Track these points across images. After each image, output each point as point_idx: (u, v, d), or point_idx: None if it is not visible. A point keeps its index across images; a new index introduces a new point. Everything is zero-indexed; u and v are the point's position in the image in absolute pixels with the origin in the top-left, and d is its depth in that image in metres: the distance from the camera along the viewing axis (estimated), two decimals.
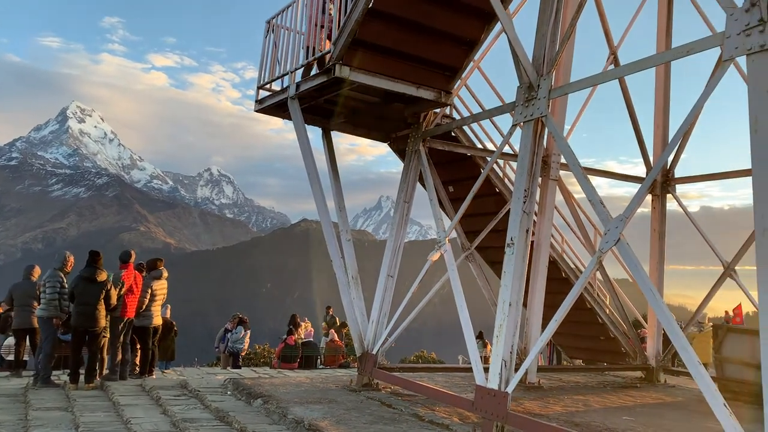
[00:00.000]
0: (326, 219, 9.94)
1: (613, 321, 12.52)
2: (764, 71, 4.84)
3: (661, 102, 12.16)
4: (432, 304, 34.84)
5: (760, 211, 4.67)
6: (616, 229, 6.02)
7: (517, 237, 7.12)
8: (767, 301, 4.49)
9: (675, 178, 12.03)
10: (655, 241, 11.99)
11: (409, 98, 9.58)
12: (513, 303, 7.00)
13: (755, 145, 4.82)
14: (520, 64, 7.53)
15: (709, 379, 4.95)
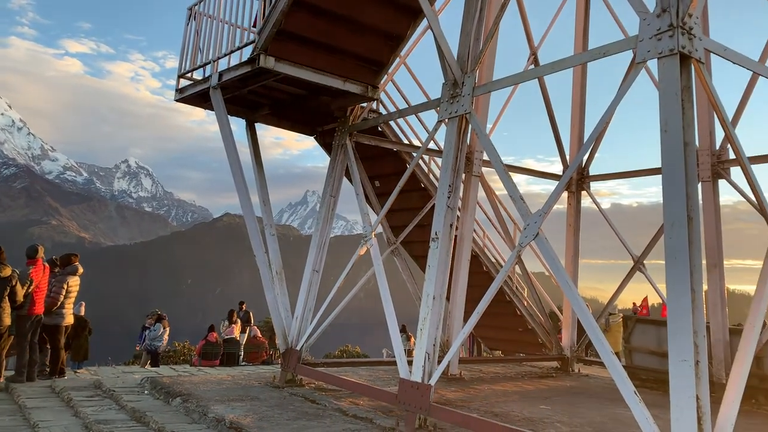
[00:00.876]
0: (250, 213, 9.74)
1: (531, 313, 12.96)
2: (674, 74, 5.10)
3: (578, 102, 12.67)
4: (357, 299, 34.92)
5: (669, 207, 4.94)
6: (535, 224, 6.21)
7: (442, 231, 7.23)
8: (674, 292, 4.74)
9: (589, 175, 12.58)
10: (570, 236, 12.49)
11: (335, 92, 9.53)
12: (437, 296, 7.10)
13: (665, 144, 5.08)
14: (445, 60, 7.64)
15: (620, 367, 5.19)
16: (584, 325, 5.59)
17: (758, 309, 5.44)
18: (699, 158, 10.45)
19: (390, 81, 12.23)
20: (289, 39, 8.72)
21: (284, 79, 8.99)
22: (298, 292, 9.88)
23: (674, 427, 4.51)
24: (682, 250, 4.75)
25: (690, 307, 4.63)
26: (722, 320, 10.01)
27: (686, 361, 4.55)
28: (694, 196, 4.93)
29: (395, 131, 12.06)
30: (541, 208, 6.30)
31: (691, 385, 4.47)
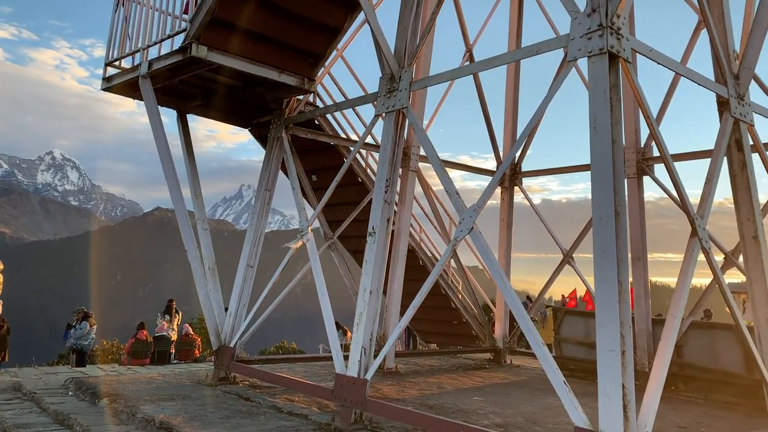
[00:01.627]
0: (181, 207, 9.45)
1: (465, 306, 13.16)
2: (603, 73, 5.25)
3: (511, 99, 12.93)
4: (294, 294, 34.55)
5: (597, 201, 5.09)
6: (470, 219, 6.29)
7: (379, 226, 7.22)
8: (602, 285, 4.90)
9: (522, 171, 12.87)
10: (503, 231, 12.75)
11: (271, 83, 9.36)
12: (374, 291, 7.10)
13: (594, 142, 5.23)
14: (382, 55, 7.63)
15: (551, 358, 5.33)
16: (516, 317, 5.71)
17: (679, 300, 5.68)
18: (625, 155, 10.83)
19: (327, 74, 12.12)
20: (223, 28, 8.49)
21: (218, 69, 8.75)
22: (232, 288, 9.68)
23: (602, 415, 4.67)
24: (610, 244, 4.91)
25: (617, 299, 4.79)
26: (646, 311, 10.46)
27: (613, 351, 4.71)
28: (621, 191, 5.10)
29: (332, 125, 11.98)
30: (475, 203, 6.39)
31: (617, 375, 4.63)
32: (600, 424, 4.66)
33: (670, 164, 6.09)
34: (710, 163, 6.56)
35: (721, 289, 6.36)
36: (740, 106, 6.91)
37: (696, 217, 6.01)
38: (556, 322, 11.79)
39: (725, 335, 9.19)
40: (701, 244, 5.94)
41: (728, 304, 6.35)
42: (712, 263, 6.23)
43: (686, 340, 9.59)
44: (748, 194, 6.73)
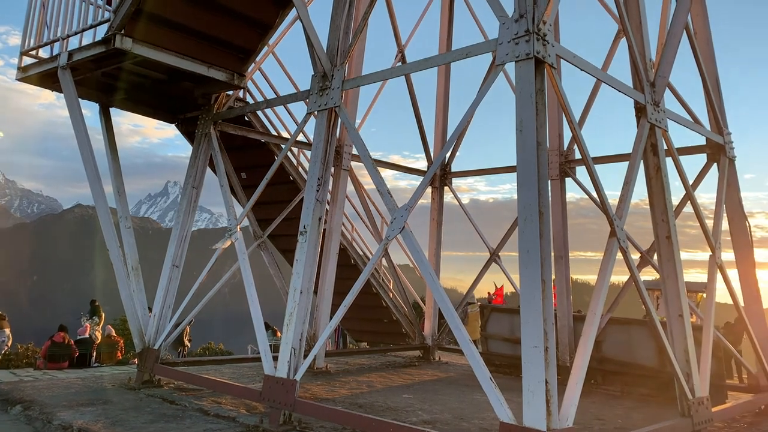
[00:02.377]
0: (102, 204, 9.07)
1: (396, 304, 13.27)
2: (529, 77, 5.41)
3: (442, 101, 13.13)
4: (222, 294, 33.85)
5: (522, 202, 5.24)
6: (401, 218, 6.35)
7: (310, 225, 7.17)
8: (526, 282, 5.05)
9: (452, 172, 13.09)
10: (433, 230, 12.94)
11: (199, 78, 9.12)
12: (304, 291, 7.05)
13: (520, 144, 5.38)
14: (315, 52, 7.58)
15: (477, 355, 5.45)
16: (444, 315, 5.81)
17: (598, 297, 5.93)
18: (549, 158, 11.24)
19: (258, 70, 11.94)
20: (149, 19, 8.20)
21: (143, 62, 8.45)
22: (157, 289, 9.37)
23: (526, 410, 4.82)
24: (534, 243, 5.07)
25: (540, 297, 4.96)
26: (567, 308, 10.86)
27: (537, 347, 4.87)
28: (545, 192, 5.28)
29: (263, 122, 11.81)
30: (407, 202, 6.45)
31: (540, 370, 4.79)
32: (524, 419, 4.81)
33: (591, 167, 6.34)
34: (628, 166, 6.87)
35: (637, 286, 6.68)
36: (656, 113, 7.27)
37: (614, 217, 6.29)
38: (483, 319, 12.06)
39: (641, 331, 9.65)
40: (619, 244, 6.22)
41: (643, 300, 6.68)
42: (628, 262, 6.53)
43: (605, 336, 10.01)
44: (662, 196, 7.09)
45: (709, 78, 9.08)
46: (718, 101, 9.19)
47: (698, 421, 6.47)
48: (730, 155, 9.08)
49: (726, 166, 8.95)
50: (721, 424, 7.65)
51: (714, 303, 8.04)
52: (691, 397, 6.50)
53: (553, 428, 4.69)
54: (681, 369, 6.60)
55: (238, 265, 8.35)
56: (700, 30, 9.26)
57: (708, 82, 9.04)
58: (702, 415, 6.55)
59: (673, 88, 9.18)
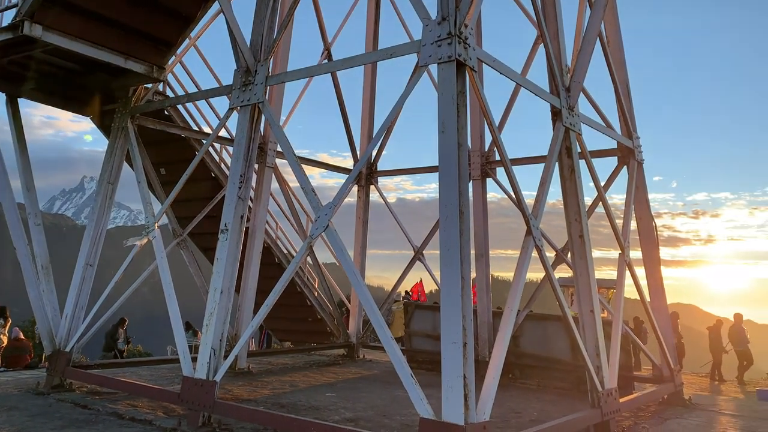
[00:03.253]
0: (10, 200, 8.57)
1: (321, 303, 13.23)
2: (451, 80, 5.52)
3: (368, 100, 13.18)
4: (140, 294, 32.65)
5: (444, 201, 5.35)
6: (326, 216, 6.33)
7: (232, 223, 7.04)
8: (447, 280, 5.16)
9: (378, 171, 13.17)
10: (359, 228, 12.99)
11: (116, 69, 8.77)
12: (225, 290, 6.92)
13: (442, 144, 5.48)
14: (238, 47, 7.44)
15: (399, 352, 5.52)
16: (367, 313, 5.85)
17: (515, 294, 6.13)
18: (471, 158, 11.52)
19: (179, 63, 11.58)
20: (62, 7, 7.79)
21: (55, 51, 8.04)
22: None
23: (444, 405, 4.92)
24: (454, 242, 5.19)
25: (460, 294, 5.08)
26: (487, 304, 11.16)
27: (456, 343, 4.98)
28: (465, 192, 5.41)
29: (185, 117, 11.47)
30: (331, 200, 6.44)
31: (459, 366, 4.91)
32: (443, 414, 4.91)
33: (508, 168, 6.55)
34: (544, 168, 7.13)
35: (551, 283, 6.95)
36: (571, 117, 7.59)
37: (531, 217, 6.51)
38: (407, 316, 12.21)
39: (556, 326, 10.04)
40: (534, 242, 6.45)
41: (557, 296, 6.96)
42: (543, 260, 6.78)
43: (522, 332, 10.36)
44: (576, 197, 7.41)
45: (620, 84, 9.55)
46: (629, 106, 9.69)
47: (607, 411, 6.80)
48: (639, 158, 9.59)
49: (635, 168, 9.45)
50: (628, 413, 8.08)
51: (623, 299, 8.48)
52: (600, 389, 6.83)
53: (470, 422, 4.81)
54: (592, 362, 6.91)
55: (156, 264, 8.09)
56: (612, 38, 9.73)
57: (619, 88, 9.52)
58: (611, 405, 6.90)
59: (587, 94, 9.61)
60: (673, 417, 8.12)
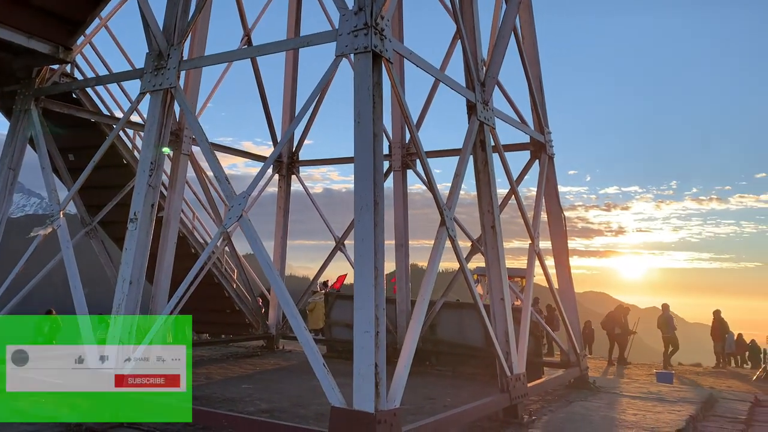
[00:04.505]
0: None
1: (239, 294, 13.02)
2: (367, 70, 5.54)
3: (290, 88, 13.00)
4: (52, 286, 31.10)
5: (359, 192, 5.38)
6: (239, 206, 6.23)
7: (141, 212, 6.82)
8: (361, 270, 5.20)
9: (299, 160, 13.05)
10: (280, 218, 12.84)
11: (18, 49, 8.28)
12: (134, 281, 6.70)
13: (357, 135, 5.51)
14: (149, 29, 7.17)
15: (312, 342, 5.53)
16: (281, 304, 5.82)
17: (427, 283, 6.26)
18: (392, 150, 11.63)
19: (89, 44, 11.02)
20: None
21: None
22: None
23: (356, 393, 4.98)
24: (368, 233, 5.23)
25: (373, 284, 5.13)
26: (406, 293, 11.33)
27: (368, 332, 5.04)
28: (381, 183, 5.46)
29: (94, 101, 10.95)
30: (245, 189, 6.33)
31: (371, 354, 4.97)
32: (354, 402, 4.97)
33: (423, 160, 6.67)
34: (458, 161, 7.29)
35: (463, 272, 7.15)
36: (485, 111, 7.78)
37: (444, 208, 6.65)
38: (327, 306, 12.23)
39: (471, 314, 10.30)
40: (448, 233, 6.59)
41: (468, 285, 7.17)
42: (456, 250, 6.94)
43: (439, 320, 10.59)
44: (489, 189, 7.62)
45: (534, 80, 9.88)
46: (541, 102, 10.03)
47: (515, 395, 7.07)
48: (550, 152, 9.96)
49: (546, 162, 9.81)
50: (536, 397, 8.43)
51: (532, 287, 8.82)
52: (509, 374, 7.09)
53: (380, 409, 4.88)
54: (501, 348, 7.17)
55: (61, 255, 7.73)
56: (527, 35, 10.02)
57: (532, 84, 9.84)
58: (518, 390, 7.17)
59: (503, 89, 9.88)
60: (578, 400, 8.54)
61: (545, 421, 7.11)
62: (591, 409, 7.94)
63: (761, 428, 7.85)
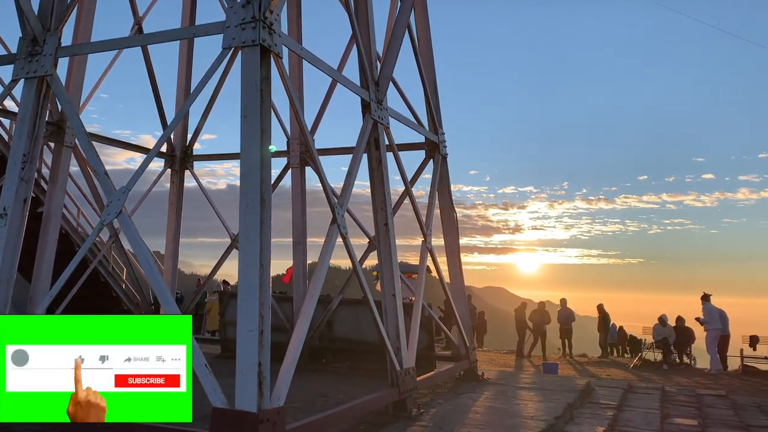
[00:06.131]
0: None
1: (128, 294, 12.46)
2: (255, 64, 5.45)
3: (183, 81, 12.54)
4: None
5: (244, 189, 5.27)
6: (119, 201, 5.94)
7: (12, 207, 6.38)
8: (245, 268, 5.11)
9: (193, 155, 12.63)
10: (172, 215, 12.36)
11: None
12: (3, 281, 6.26)
13: (244, 130, 5.40)
14: (23, 12, 6.71)
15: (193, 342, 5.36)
16: (161, 303, 5.62)
17: (317, 280, 6.25)
18: (291, 146, 11.51)
19: None
20: None
21: None
22: None
23: (238, 393, 4.89)
24: (254, 230, 5.15)
25: (258, 282, 5.06)
26: (303, 290, 11.26)
27: (252, 331, 4.97)
28: (268, 179, 5.39)
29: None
30: (125, 185, 6.06)
31: (254, 353, 4.90)
32: (236, 401, 4.88)
33: (314, 156, 6.66)
34: (351, 159, 7.33)
35: (355, 269, 7.21)
36: (379, 110, 7.87)
37: (336, 206, 6.67)
38: (222, 306, 11.95)
39: (367, 310, 10.40)
40: (339, 230, 6.62)
41: (360, 282, 7.23)
42: (348, 247, 6.97)
43: (336, 317, 10.61)
44: (382, 187, 7.72)
45: (428, 82, 10.10)
46: (435, 103, 10.27)
47: (404, 389, 7.21)
48: (443, 152, 10.23)
49: (439, 162, 10.06)
50: (427, 390, 8.64)
51: (423, 282, 9.02)
52: (399, 368, 7.22)
53: (264, 408, 4.83)
54: (392, 344, 7.29)
55: None
56: (422, 38, 10.24)
57: (427, 86, 10.06)
58: (408, 383, 7.32)
59: (400, 90, 10.04)
60: (466, 392, 8.83)
61: (432, 414, 7.29)
62: (477, 401, 8.23)
63: (631, 412, 8.45)
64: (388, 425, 6.69)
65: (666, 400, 9.81)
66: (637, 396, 9.88)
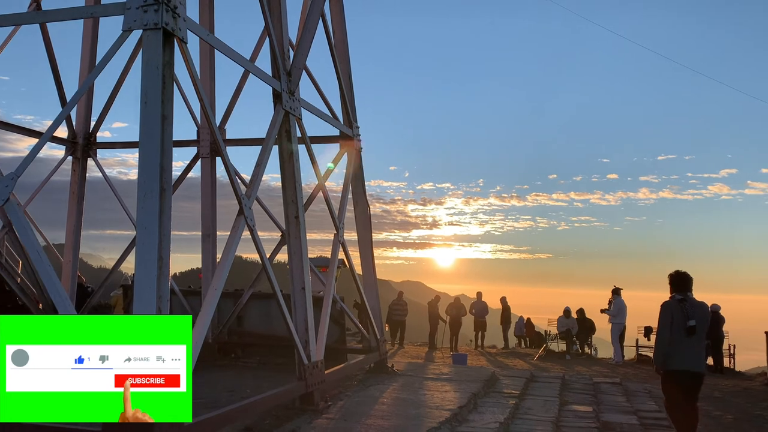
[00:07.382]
0: None
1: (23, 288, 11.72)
2: (157, 49, 5.23)
3: (87, 64, 11.90)
4: None
5: (143, 178, 5.06)
6: (6, 188, 5.57)
7: None
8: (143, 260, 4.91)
9: (97, 143, 12.00)
10: (73, 205, 11.69)
11: None
12: None
13: (144, 116, 5.18)
14: None
15: None
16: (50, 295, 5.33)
17: (220, 273, 6.12)
18: (200, 136, 11.17)
19: None
20: None
21: None
22: None
23: None
24: (152, 220, 4.96)
25: (156, 275, 4.88)
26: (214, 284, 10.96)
27: None
28: (169, 169, 5.20)
29: None
30: (14, 171, 5.69)
31: None
32: None
33: (221, 149, 6.48)
34: (261, 150, 7.20)
35: (263, 262, 7.09)
36: (291, 101, 7.77)
37: (243, 197, 6.53)
38: (126, 301, 11.49)
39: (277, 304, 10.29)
40: (246, 222, 6.49)
41: (267, 275, 7.13)
42: (255, 240, 6.84)
43: (246, 311, 10.43)
44: (293, 180, 7.63)
45: (343, 75, 10.07)
46: (350, 96, 10.26)
47: (312, 382, 7.18)
48: (358, 146, 10.24)
49: (353, 156, 10.06)
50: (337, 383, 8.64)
51: (334, 275, 9.02)
52: (306, 362, 7.18)
53: None
54: (300, 337, 7.24)
55: None
56: (338, 30, 10.18)
57: (342, 79, 10.02)
58: (316, 377, 7.30)
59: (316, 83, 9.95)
60: (375, 384, 8.90)
61: (340, 406, 7.31)
62: (385, 392, 8.32)
63: (532, 400, 8.79)
64: (294, 418, 6.65)
65: (565, 388, 10.28)
66: (539, 385, 10.30)
